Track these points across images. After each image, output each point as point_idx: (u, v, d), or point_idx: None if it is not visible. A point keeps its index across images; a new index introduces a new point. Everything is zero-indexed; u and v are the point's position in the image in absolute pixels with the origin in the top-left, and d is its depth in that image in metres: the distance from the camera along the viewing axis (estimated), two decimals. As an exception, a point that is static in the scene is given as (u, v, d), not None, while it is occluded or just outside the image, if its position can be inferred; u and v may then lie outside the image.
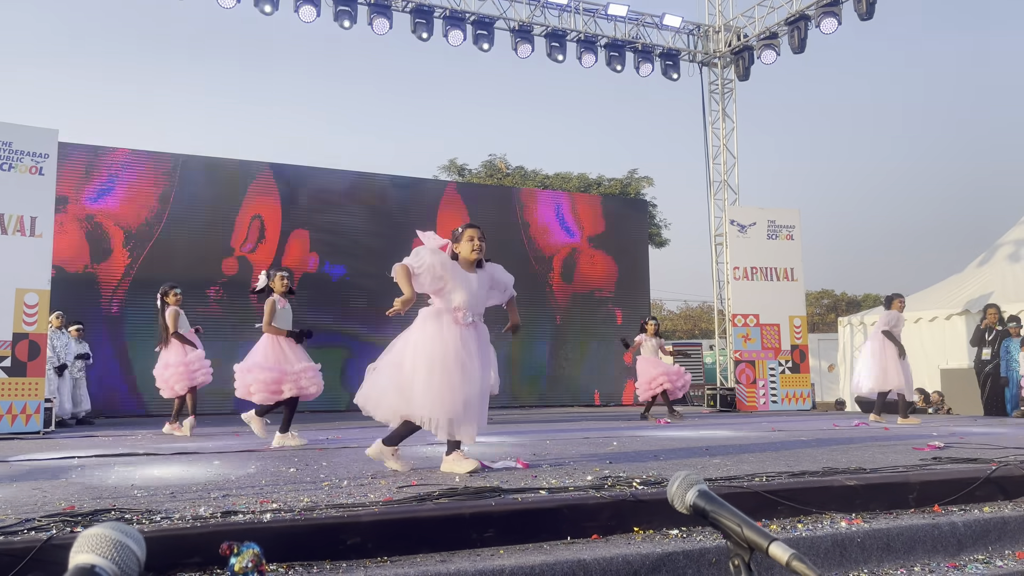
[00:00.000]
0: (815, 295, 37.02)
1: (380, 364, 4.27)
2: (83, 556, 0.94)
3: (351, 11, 12.16)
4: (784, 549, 1.02)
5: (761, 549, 1.06)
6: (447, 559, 2.68)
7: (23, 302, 7.97)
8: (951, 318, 13.23)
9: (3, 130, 8.14)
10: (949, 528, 3.33)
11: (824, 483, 3.57)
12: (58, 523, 2.59)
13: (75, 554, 0.95)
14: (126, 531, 0.98)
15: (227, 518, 2.73)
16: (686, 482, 1.24)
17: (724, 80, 14.84)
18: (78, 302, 10.97)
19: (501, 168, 26.23)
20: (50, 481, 3.92)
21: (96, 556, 0.94)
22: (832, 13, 12.60)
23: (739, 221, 12.58)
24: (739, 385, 12.30)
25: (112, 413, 11.08)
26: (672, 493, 1.26)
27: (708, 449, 5.38)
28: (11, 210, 8.03)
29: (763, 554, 1.06)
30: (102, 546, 0.95)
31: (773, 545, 1.04)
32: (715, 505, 1.19)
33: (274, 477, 3.99)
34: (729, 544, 1.14)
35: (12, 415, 7.81)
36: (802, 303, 12.82)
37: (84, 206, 11.67)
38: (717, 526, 1.17)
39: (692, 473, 1.26)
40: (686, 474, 1.26)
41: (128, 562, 0.96)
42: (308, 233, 13.16)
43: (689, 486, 1.23)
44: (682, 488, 1.24)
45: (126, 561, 0.95)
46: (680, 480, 1.25)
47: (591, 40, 13.81)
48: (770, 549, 1.04)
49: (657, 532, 3.05)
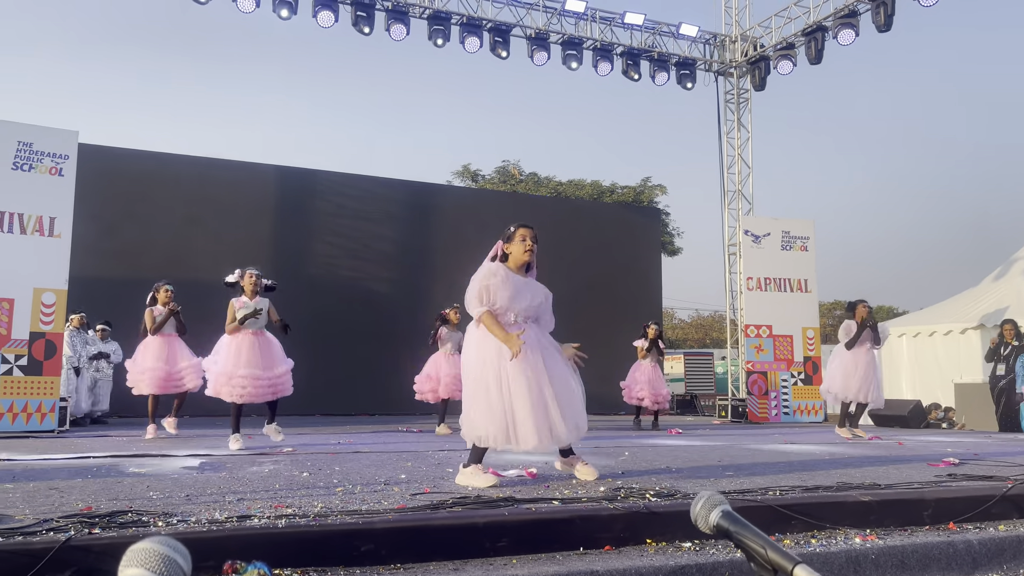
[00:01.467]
0: (827, 306, 36.81)
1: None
2: (133, 570, 0.97)
3: (369, 17, 12.24)
4: (810, 572, 1.02)
5: (785, 572, 1.05)
6: (460, 567, 2.68)
7: (40, 301, 8.04)
8: (966, 332, 13.14)
9: (24, 131, 8.24)
10: (964, 546, 3.31)
11: (838, 498, 3.55)
12: (76, 524, 2.61)
13: (124, 568, 0.99)
14: (173, 546, 1.01)
15: (243, 522, 2.74)
16: (710, 502, 1.24)
17: (740, 90, 14.83)
18: (102, 304, 11.07)
19: (514, 174, 26.27)
20: (66, 481, 3.95)
21: (145, 570, 0.97)
22: (850, 24, 12.58)
23: (753, 231, 12.55)
24: (751, 396, 12.25)
25: (130, 413, 11.16)
26: (696, 513, 1.26)
27: (720, 461, 5.36)
28: (31, 210, 8.11)
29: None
30: (151, 560, 0.98)
31: (798, 568, 1.04)
32: (739, 526, 1.19)
33: (287, 481, 4.01)
34: (752, 566, 1.14)
35: (27, 413, 7.88)
36: (815, 315, 12.76)
37: (108, 207, 11.79)
38: (741, 547, 1.17)
39: (716, 494, 1.27)
40: (710, 494, 1.26)
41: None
42: (321, 237, 13.23)
43: (713, 506, 1.24)
44: (706, 508, 1.24)
45: (174, 575, 0.98)
46: (704, 500, 1.25)
47: (607, 48, 13.83)
48: (795, 572, 1.03)
49: (670, 545, 3.04)
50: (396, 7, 12.36)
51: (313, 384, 9.37)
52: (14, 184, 8.08)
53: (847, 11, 12.55)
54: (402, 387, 12.80)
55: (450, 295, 13.15)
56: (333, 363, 12.71)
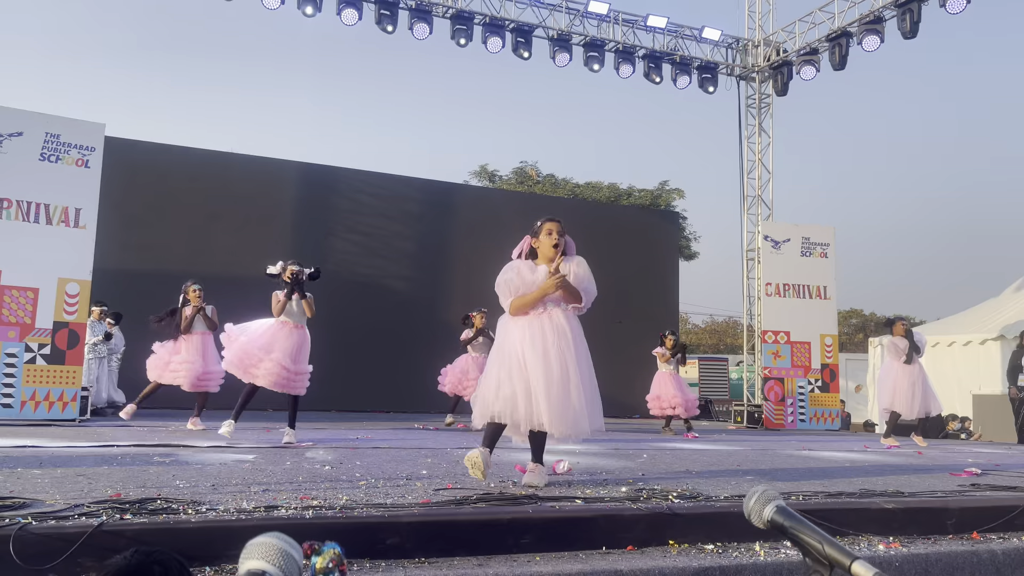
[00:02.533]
0: (844, 314, 36.57)
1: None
2: (254, 562, 1.06)
3: (392, 16, 12.29)
4: (868, 568, 1.02)
5: (843, 567, 1.05)
6: (484, 563, 2.70)
7: (64, 292, 8.13)
8: (985, 343, 13.03)
9: (52, 123, 8.33)
10: (988, 556, 3.29)
11: (862, 505, 3.54)
12: (107, 510, 2.65)
13: (245, 560, 1.07)
14: (289, 541, 1.11)
15: (270, 512, 2.77)
16: (764, 497, 1.24)
17: (762, 95, 14.77)
18: (123, 295, 11.18)
19: (532, 176, 26.27)
20: (92, 468, 4.00)
21: (266, 563, 1.06)
22: (875, 31, 12.50)
23: (773, 237, 12.50)
24: (767, 402, 12.20)
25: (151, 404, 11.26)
26: (750, 508, 1.26)
27: (740, 466, 5.35)
28: (57, 201, 8.20)
29: (845, 572, 1.05)
30: (271, 554, 1.07)
31: (856, 564, 1.04)
32: (794, 521, 1.19)
33: (311, 474, 4.04)
34: (808, 560, 1.14)
35: (49, 402, 7.97)
36: (834, 322, 12.69)
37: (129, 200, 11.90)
38: (796, 542, 1.17)
39: (770, 488, 1.27)
40: (764, 489, 1.26)
41: (291, 569, 1.07)
42: (340, 234, 13.30)
43: (767, 501, 1.23)
44: (760, 503, 1.24)
45: (290, 568, 1.07)
46: (758, 495, 1.25)
47: (629, 51, 13.81)
48: (853, 567, 1.03)
49: (692, 547, 3.05)
50: (419, 6, 12.40)
51: (330, 380, 9.42)
52: (41, 175, 8.17)
53: (872, 17, 12.47)
54: (417, 385, 12.85)
55: (467, 294, 13.21)
56: (350, 359, 12.76)
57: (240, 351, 6.18)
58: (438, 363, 10.13)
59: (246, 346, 6.17)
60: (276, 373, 6.11)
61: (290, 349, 6.22)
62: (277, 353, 6.13)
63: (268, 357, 6.10)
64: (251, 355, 6.14)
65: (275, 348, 6.16)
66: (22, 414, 7.80)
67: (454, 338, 10.18)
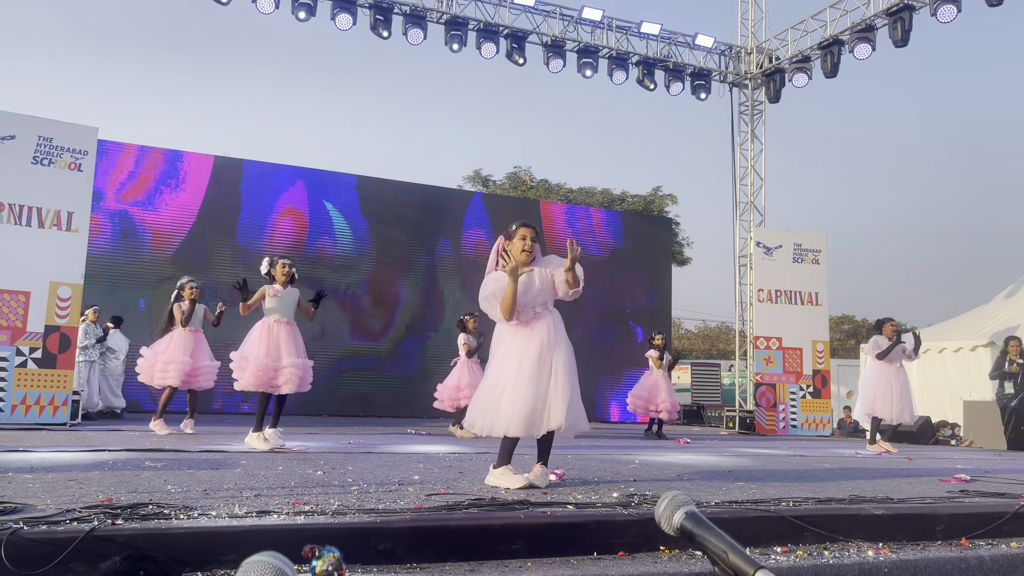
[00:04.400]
0: (835, 320, 36.71)
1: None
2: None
3: (387, 21, 12.30)
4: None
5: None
6: (476, 569, 2.70)
7: (56, 295, 8.11)
8: (976, 350, 13.09)
9: (45, 126, 8.32)
10: (977, 562, 3.31)
11: (851, 511, 3.55)
12: (99, 515, 2.64)
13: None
14: (285, 561, 1.12)
15: (262, 517, 2.77)
16: (674, 503, 1.18)
17: (754, 101, 14.84)
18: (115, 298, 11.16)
19: (526, 180, 26.33)
20: (84, 473, 3.99)
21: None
22: (866, 39, 12.58)
23: (765, 243, 12.55)
24: (759, 408, 12.23)
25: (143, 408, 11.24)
26: (659, 513, 1.20)
27: (732, 471, 5.37)
28: (49, 204, 8.19)
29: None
30: (266, 572, 1.10)
31: (759, 572, 1.02)
32: (703, 528, 1.14)
33: (302, 479, 4.04)
34: (716, 570, 1.10)
35: (40, 406, 7.94)
36: (825, 328, 12.74)
37: (125, 203, 11.90)
38: (703, 550, 1.12)
39: (681, 493, 1.21)
40: (675, 494, 1.20)
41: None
42: (330, 237, 13.30)
43: (677, 507, 1.18)
44: (670, 509, 1.18)
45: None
46: (669, 500, 1.19)
47: (623, 57, 13.87)
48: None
49: (683, 552, 3.06)
50: (414, 11, 12.43)
51: (321, 385, 9.40)
52: (33, 178, 8.15)
53: (864, 25, 12.55)
54: (409, 390, 12.86)
55: (460, 299, 13.22)
56: (341, 365, 12.75)
57: (259, 372, 6.05)
58: (431, 368, 10.14)
59: (261, 367, 6.04)
60: (295, 376, 6.09)
61: (291, 347, 6.18)
62: (285, 358, 6.10)
63: (280, 365, 6.06)
64: (267, 370, 6.06)
65: (281, 354, 6.11)
66: (13, 418, 7.77)
67: (446, 342, 10.18)
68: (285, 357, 6.09)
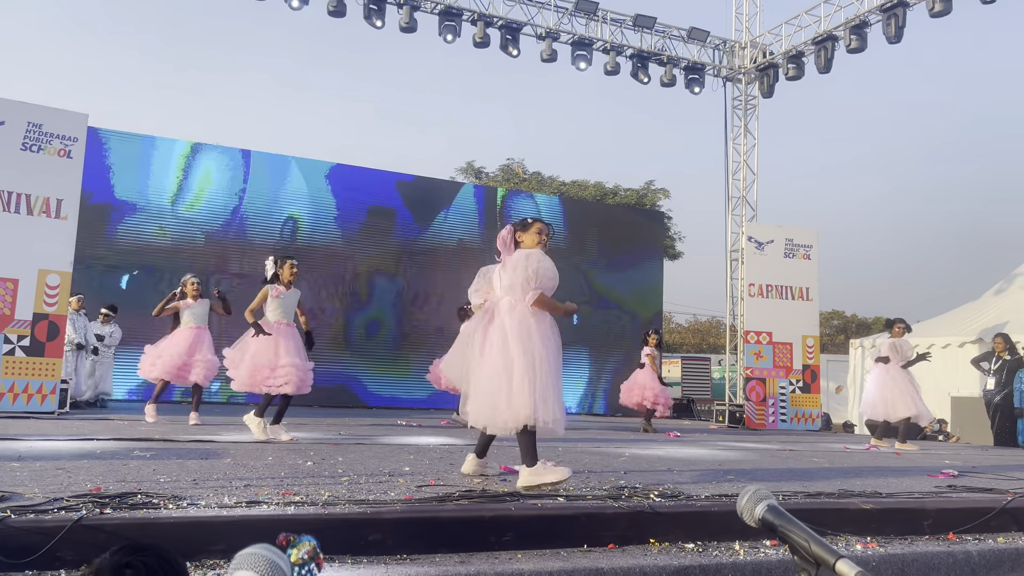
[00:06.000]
0: (825, 315, 36.83)
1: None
2: (243, 572, 1.09)
3: (380, 11, 12.23)
4: (851, 567, 1.05)
5: (828, 565, 1.09)
6: (466, 560, 2.70)
7: (45, 283, 8.05)
8: (964, 346, 13.15)
9: (34, 112, 8.23)
10: (964, 557, 3.34)
11: (840, 505, 3.58)
12: (87, 504, 2.63)
13: (235, 570, 1.10)
14: (278, 553, 1.13)
15: (252, 507, 2.76)
16: (756, 496, 1.28)
17: (748, 96, 14.84)
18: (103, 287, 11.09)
19: (518, 173, 26.28)
20: (72, 462, 3.97)
21: (254, 573, 1.09)
22: (860, 35, 12.58)
23: (757, 238, 12.56)
24: (748, 402, 12.27)
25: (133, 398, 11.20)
26: (742, 506, 1.29)
27: (722, 465, 5.39)
28: (38, 191, 8.11)
29: (830, 570, 1.09)
30: (260, 564, 1.10)
31: (840, 562, 1.07)
32: (784, 520, 1.23)
33: (292, 470, 4.03)
34: (796, 559, 1.18)
35: (28, 394, 7.89)
36: (816, 323, 12.78)
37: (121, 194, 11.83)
38: (785, 540, 1.20)
39: (762, 488, 1.30)
40: (756, 488, 1.30)
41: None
42: (321, 229, 13.26)
43: (759, 500, 1.27)
44: (752, 502, 1.28)
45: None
46: (750, 494, 1.29)
47: (617, 50, 13.83)
48: (837, 565, 1.07)
49: (673, 545, 3.07)
50: (408, 1, 12.35)
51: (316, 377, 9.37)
52: (22, 165, 8.07)
53: (858, 21, 12.55)
54: (400, 382, 12.86)
55: (453, 291, 13.19)
56: (333, 356, 12.72)
57: (255, 372, 5.95)
58: (425, 361, 10.13)
59: (258, 367, 5.95)
60: (296, 376, 5.98)
61: (292, 347, 6.08)
62: (284, 357, 5.98)
63: (279, 364, 5.94)
64: (261, 369, 5.95)
65: (281, 353, 6.00)
66: (0, 406, 7.71)
67: (442, 335, 10.16)
68: (284, 357, 6.00)
